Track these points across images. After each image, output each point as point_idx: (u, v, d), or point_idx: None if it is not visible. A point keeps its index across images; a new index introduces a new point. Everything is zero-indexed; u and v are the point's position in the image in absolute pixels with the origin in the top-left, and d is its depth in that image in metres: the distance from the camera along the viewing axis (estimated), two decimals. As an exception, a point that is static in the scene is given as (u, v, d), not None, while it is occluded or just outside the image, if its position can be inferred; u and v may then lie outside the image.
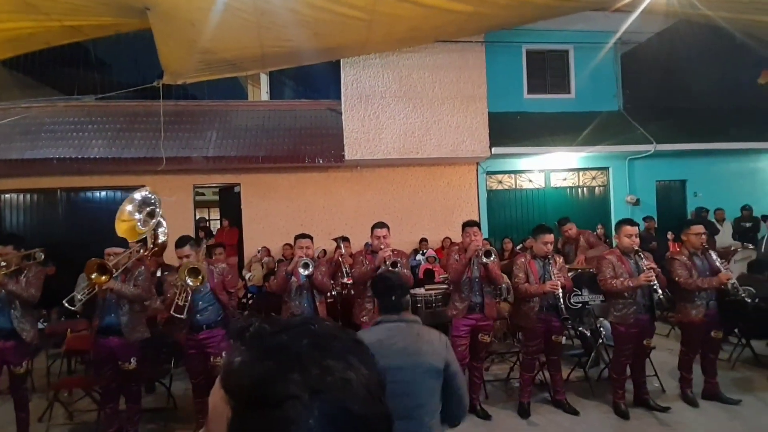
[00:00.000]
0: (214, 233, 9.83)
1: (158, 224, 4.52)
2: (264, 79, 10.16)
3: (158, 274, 7.63)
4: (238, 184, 9.27)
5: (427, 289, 6.02)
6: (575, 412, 4.30)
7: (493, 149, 9.09)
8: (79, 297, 3.86)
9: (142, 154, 8.30)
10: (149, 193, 4.61)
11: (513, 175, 10.29)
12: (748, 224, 8.74)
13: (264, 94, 10.23)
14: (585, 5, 6.95)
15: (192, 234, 9.01)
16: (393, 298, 2.23)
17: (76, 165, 8.15)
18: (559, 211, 9.13)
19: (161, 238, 4.60)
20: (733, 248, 7.95)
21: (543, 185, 10.37)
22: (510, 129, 9.35)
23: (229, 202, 9.75)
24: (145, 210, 4.54)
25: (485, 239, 8.84)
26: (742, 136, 9.85)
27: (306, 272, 4.19)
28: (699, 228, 4.46)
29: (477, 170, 9.84)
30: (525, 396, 4.39)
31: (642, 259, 4.15)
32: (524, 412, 4.32)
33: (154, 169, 8.38)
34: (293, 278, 4.33)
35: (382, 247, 4.30)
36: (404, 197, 9.51)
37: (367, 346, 0.63)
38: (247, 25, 5.83)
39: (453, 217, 9.17)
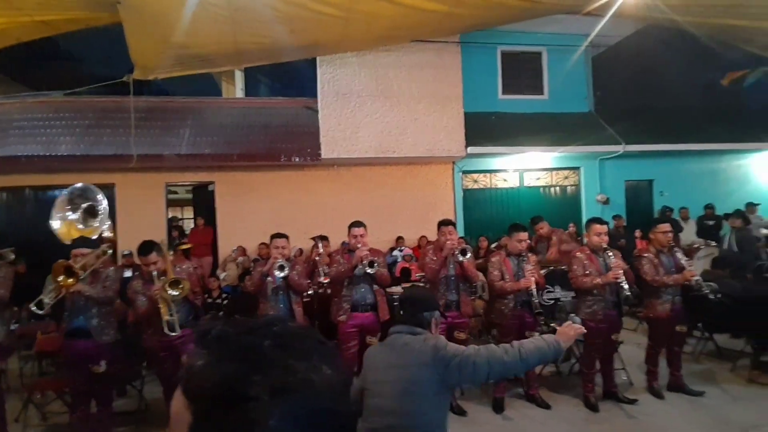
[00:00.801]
0: (188, 232, 9.65)
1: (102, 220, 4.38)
2: (239, 76, 10.01)
3: (128, 274, 7.48)
4: (213, 183, 9.13)
5: (403, 288, 6.04)
6: (547, 406, 4.41)
7: (468, 149, 9.19)
8: (46, 300, 3.76)
9: (111, 151, 8.08)
10: (82, 186, 4.44)
11: (488, 175, 10.43)
12: (711, 222, 9.10)
13: (239, 91, 10.08)
14: (557, 8, 7.09)
15: (164, 233, 8.85)
16: (401, 312, 2.25)
17: (44, 162, 7.89)
18: (533, 210, 9.30)
19: (106, 234, 4.46)
20: (696, 246, 8.26)
21: (517, 184, 10.56)
22: (485, 129, 9.48)
23: (203, 200, 9.59)
24: (80, 207, 4.37)
25: (461, 237, 8.96)
26: (707, 137, 10.24)
27: (282, 274, 4.16)
28: (666, 226, 4.64)
29: (453, 169, 9.94)
30: (499, 391, 4.47)
31: (610, 256, 4.28)
32: (498, 407, 4.41)
33: (124, 167, 8.17)
34: (269, 279, 4.30)
35: (359, 246, 4.31)
36: (381, 196, 9.53)
37: (331, 347, 0.64)
38: (221, 20, 5.74)
39: (429, 215, 9.22)
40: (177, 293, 3.78)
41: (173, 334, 3.80)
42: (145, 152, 8.09)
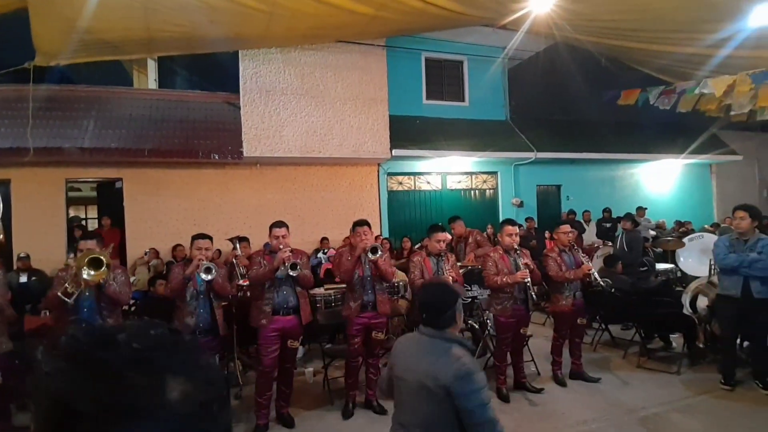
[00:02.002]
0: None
1: None
2: (152, 66, 9.36)
3: (24, 279, 6.71)
4: (120, 179, 8.45)
5: (326, 289, 6.02)
6: (464, 400, 4.60)
7: (393, 151, 9.36)
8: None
9: (7, 144, 7.25)
10: None
11: (412, 177, 10.70)
12: (608, 224, 10.04)
13: (152, 82, 9.43)
14: (475, 20, 7.48)
15: (64, 235, 8.06)
16: (423, 316, 2.14)
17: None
18: (454, 212, 9.68)
19: None
20: (595, 245, 9.09)
21: (440, 187, 10.93)
22: (409, 132, 9.71)
23: (110, 199, 8.85)
24: None
25: (385, 238, 9.09)
26: (607, 148, 11.33)
27: (209, 277, 3.92)
28: (566, 227, 5.09)
29: (378, 171, 10.06)
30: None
31: (520, 256, 4.59)
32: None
33: (20, 161, 7.37)
34: (190, 282, 4.06)
35: (281, 247, 4.20)
36: (306, 196, 9.41)
37: (210, 358, 0.60)
38: (131, 4, 5.35)
39: (355, 216, 9.11)
40: (91, 276, 3.49)
41: (68, 300, 3.56)
42: (44, 145, 7.34)
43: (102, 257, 3.60)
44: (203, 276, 3.91)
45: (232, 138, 8.36)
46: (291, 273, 4.08)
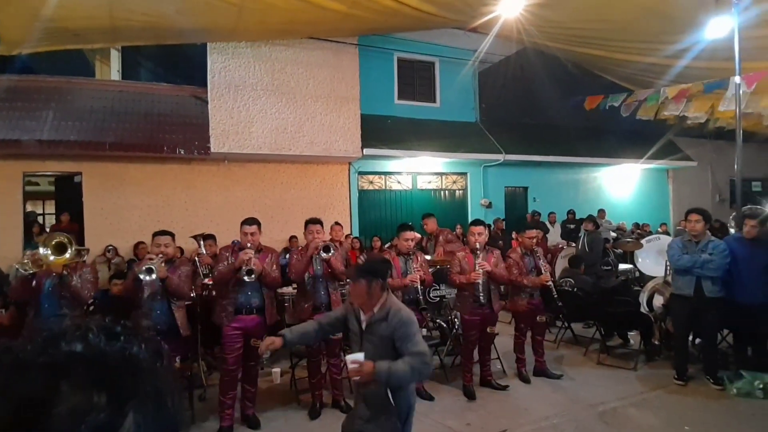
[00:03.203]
0: (48, 229, 8.47)
1: None
2: (115, 56, 9.02)
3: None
4: (80, 174, 8.11)
5: (294, 288, 5.94)
6: (431, 398, 4.64)
7: (364, 150, 9.35)
8: None
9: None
10: None
11: (383, 176, 10.72)
12: (572, 226, 10.33)
13: (114, 73, 9.09)
14: (446, 22, 7.56)
15: (21, 231, 7.70)
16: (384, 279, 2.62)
17: None
18: (424, 212, 9.74)
19: None
20: (560, 246, 9.35)
21: (410, 187, 11.00)
22: (381, 131, 9.72)
23: (68, 193, 8.48)
24: None
25: (355, 237, 9.08)
26: (571, 151, 11.66)
27: (148, 278, 3.72)
28: (532, 233, 5.25)
29: (349, 170, 10.03)
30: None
31: (479, 256, 4.66)
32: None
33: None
34: (146, 279, 3.91)
35: (249, 245, 4.12)
36: (275, 194, 9.28)
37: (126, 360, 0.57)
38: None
39: (325, 215, 9.16)
40: (50, 258, 3.36)
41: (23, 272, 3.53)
42: (1, 137, 6.99)
43: (67, 244, 3.49)
44: (142, 277, 3.70)
45: (198, 133, 8.16)
46: (245, 279, 3.97)
